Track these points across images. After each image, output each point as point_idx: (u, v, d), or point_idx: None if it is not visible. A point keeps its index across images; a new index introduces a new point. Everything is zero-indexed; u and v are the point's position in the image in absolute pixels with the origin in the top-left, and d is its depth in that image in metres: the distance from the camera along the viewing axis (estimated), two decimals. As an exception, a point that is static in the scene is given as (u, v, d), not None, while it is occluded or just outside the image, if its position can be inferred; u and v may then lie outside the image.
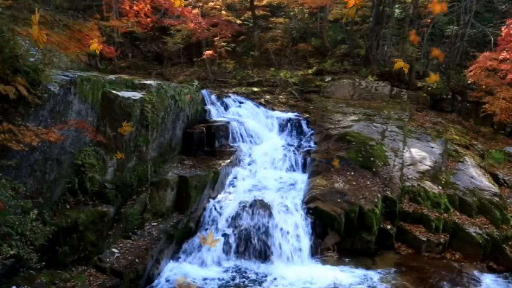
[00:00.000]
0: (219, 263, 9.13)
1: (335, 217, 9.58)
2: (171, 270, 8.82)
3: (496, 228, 10.20)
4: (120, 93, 8.92)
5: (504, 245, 9.79)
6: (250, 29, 21.14)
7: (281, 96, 16.81)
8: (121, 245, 8.35)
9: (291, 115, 14.83)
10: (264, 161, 12.12)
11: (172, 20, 18.36)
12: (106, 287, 7.32)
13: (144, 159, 9.55)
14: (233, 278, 8.69)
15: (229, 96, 15.01)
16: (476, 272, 9.23)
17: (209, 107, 13.44)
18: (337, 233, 9.61)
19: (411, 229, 10.01)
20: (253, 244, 9.39)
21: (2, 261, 5.98)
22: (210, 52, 18.27)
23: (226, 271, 8.93)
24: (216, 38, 18.78)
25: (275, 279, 8.69)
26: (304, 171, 11.95)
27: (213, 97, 14.07)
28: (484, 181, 11.83)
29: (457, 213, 10.50)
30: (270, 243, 9.39)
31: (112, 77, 9.98)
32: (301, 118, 14.52)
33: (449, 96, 17.01)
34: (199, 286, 8.29)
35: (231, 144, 12.48)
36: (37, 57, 7.27)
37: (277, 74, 18.50)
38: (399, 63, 3.24)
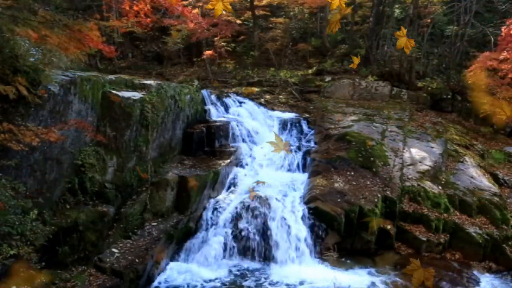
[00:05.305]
0: (219, 263, 9.13)
1: (335, 217, 9.58)
2: (171, 270, 8.82)
3: (496, 228, 10.19)
4: (120, 93, 8.93)
5: (504, 245, 9.79)
6: (250, 29, 21.13)
7: (281, 96, 16.81)
8: (121, 245, 8.35)
9: (291, 115, 14.82)
10: (264, 161, 12.12)
11: (172, 20, 18.35)
12: (106, 287, 7.32)
13: (144, 159, 9.55)
14: (233, 278, 8.70)
15: (229, 96, 15.01)
16: (476, 272, 9.23)
17: (209, 107, 13.43)
18: (337, 233, 9.61)
19: (411, 229, 10.00)
20: (253, 244, 9.40)
21: (2, 261, 5.98)
22: (210, 52, 18.26)
23: (226, 271, 8.93)
24: (216, 38, 18.77)
25: (275, 279, 8.70)
26: (304, 171, 11.94)
27: (213, 97, 14.07)
28: (484, 181, 11.82)
29: (457, 213, 10.50)
30: (270, 243, 9.40)
31: (112, 77, 9.98)
32: (301, 118, 14.51)
33: (449, 96, 17.01)
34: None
35: (231, 144, 12.46)
36: (37, 57, 7.27)
37: (277, 74, 18.49)
38: None
